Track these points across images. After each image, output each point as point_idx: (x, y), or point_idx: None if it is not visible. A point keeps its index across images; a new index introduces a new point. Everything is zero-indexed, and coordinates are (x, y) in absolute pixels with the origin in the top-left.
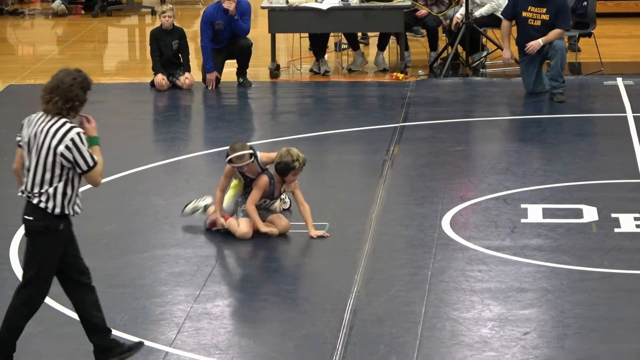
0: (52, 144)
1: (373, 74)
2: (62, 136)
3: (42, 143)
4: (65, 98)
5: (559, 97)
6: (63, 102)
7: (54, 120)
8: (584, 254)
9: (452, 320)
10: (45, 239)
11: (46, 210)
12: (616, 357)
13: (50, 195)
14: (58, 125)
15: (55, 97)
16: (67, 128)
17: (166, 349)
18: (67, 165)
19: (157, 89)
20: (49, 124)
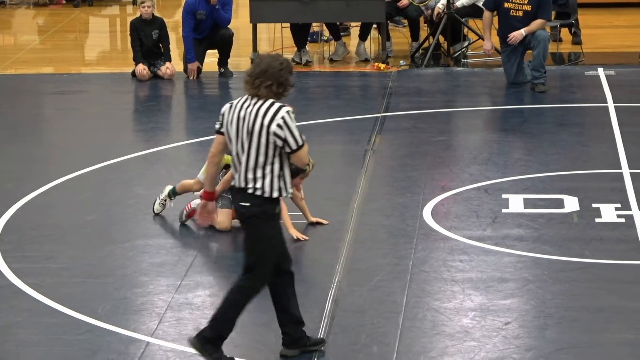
0: (264, 122)
1: (355, 64)
2: (273, 114)
3: (253, 124)
4: (278, 82)
5: (540, 87)
6: (277, 87)
7: (261, 102)
8: (565, 244)
9: (433, 310)
10: (263, 224)
11: (262, 195)
12: (597, 347)
13: (265, 179)
14: (267, 105)
15: (268, 82)
16: (277, 107)
17: (147, 339)
18: (279, 145)
19: (138, 79)
20: (257, 105)
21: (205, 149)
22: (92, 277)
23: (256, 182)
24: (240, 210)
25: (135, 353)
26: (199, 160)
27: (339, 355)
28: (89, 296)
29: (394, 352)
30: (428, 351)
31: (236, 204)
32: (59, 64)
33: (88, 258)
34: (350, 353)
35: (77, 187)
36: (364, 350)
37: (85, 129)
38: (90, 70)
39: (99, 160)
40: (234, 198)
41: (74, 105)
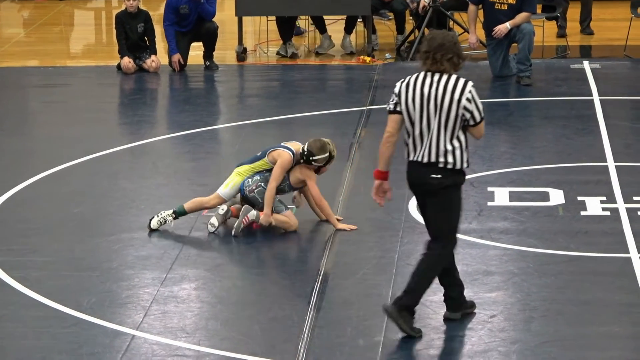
0: (454, 97)
1: (340, 57)
2: (462, 88)
3: (442, 99)
4: (457, 55)
5: (525, 80)
6: (457, 59)
7: (445, 76)
8: (551, 237)
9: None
10: (453, 194)
11: (454, 168)
12: (582, 340)
13: (455, 152)
14: (454, 80)
15: (449, 55)
16: (463, 81)
17: (133, 332)
18: (466, 117)
19: (123, 72)
20: (442, 81)
21: (191, 142)
22: (78, 271)
23: (447, 156)
24: (432, 182)
25: (121, 346)
26: (184, 154)
27: (324, 349)
28: (74, 289)
29: (380, 345)
30: (414, 344)
31: (423, 177)
32: (44, 57)
33: (74, 251)
34: (336, 346)
35: (63, 180)
36: (350, 344)
37: (71, 122)
38: (76, 63)
39: (84, 153)
40: (418, 171)
41: (59, 98)
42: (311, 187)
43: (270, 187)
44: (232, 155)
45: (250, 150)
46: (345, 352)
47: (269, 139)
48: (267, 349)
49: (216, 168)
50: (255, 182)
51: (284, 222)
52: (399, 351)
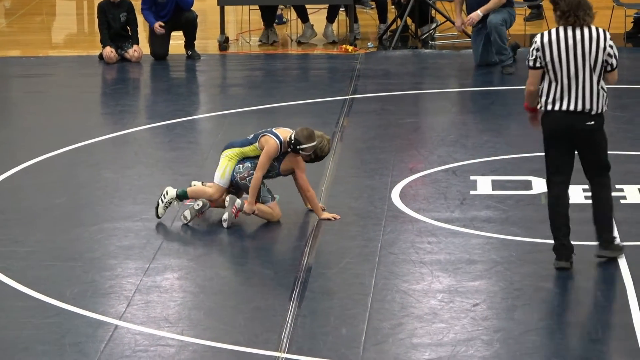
0: (600, 45)
1: (322, 46)
2: (604, 36)
3: (589, 49)
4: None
5: (508, 69)
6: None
7: (587, 28)
8: (533, 225)
9: (401, 292)
10: (603, 132)
11: (602, 113)
12: (566, 329)
13: (600, 99)
14: (595, 29)
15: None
16: (602, 30)
17: (116, 322)
18: (608, 62)
19: (105, 62)
20: (586, 32)
21: (173, 132)
22: (60, 261)
23: (598, 102)
24: (586, 128)
25: (104, 336)
26: (166, 143)
27: (307, 338)
28: (57, 280)
29: (363, 334)
30: (397, 333)
31: (576, 124)
32: (26, 47)
33: (56, 241)
34: (319, 335)
35: (45, 170)
36: (333, 333)
37: (53, 112)
38: (58, 53)
39: (66, 144)
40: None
41: (41, 88)
42: (299, 177)
43: (256, 176)
44: (214, 145)
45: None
46: (329, 342)
47: (252, 128)
48: (250, 339)
49: (198, 158)
50: (246, 169)
51: (267, 213)
52: (382, 340)
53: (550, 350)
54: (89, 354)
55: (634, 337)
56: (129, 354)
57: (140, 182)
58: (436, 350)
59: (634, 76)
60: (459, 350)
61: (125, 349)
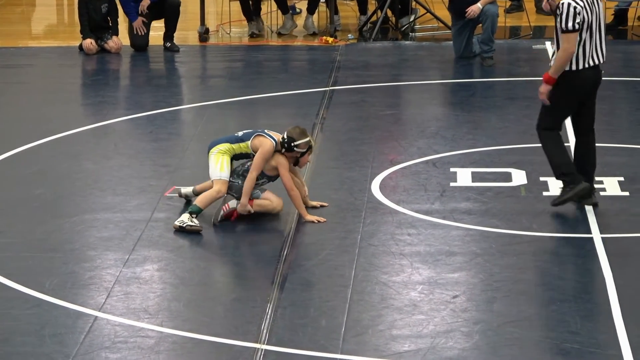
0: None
1: (302, 37)
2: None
3: (599, 7)
4: None
5: (488, 61)
6: None
7: None
8: (513, 217)
9: (381, 283)
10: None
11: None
12: (545, 320)
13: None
14: None
15: None
16: None
17: (95, 314)
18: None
19: (85, 53)
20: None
21: (154, 123)
22: (40, 252)
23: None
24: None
25: (84, 327)
26: (146, 135)
27: (287, 329)
28: (36, 270)
29: (342, 326)
30: (376, 325)
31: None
32: (5, 38)
33: (36, 232)
34: (299, 327)
35: (25, 161)
36: (313, 324)
37: (33, 103)
38: (37, 44)
39: (46, 134)
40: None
41: (20, 79)
42: (283, 176)
43: (250, 176)
44: (194, 136)
45: (213, 131)
46: (308, 333)
47: (232, 119)
48: (230, 330)
49: (179, 149)
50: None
51: (266, 205)
52: (362, 332)
53: (530, 342)
54: (68, 344)
55: (613, 328)
56: (108, 345)
57: (121, 173)
58: (416, 342)
59: (614, 68)
60: (439, 342)
61: (104, 340)
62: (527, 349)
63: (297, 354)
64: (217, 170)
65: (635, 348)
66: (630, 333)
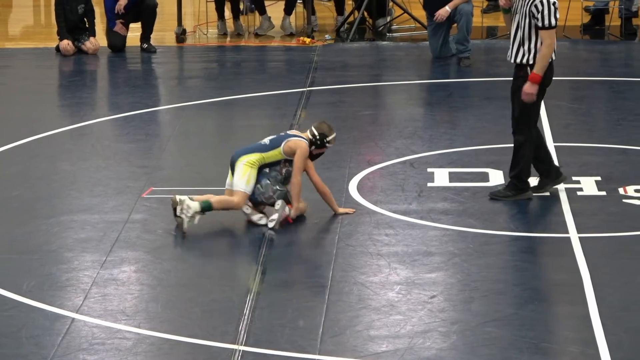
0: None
1: (280, 38)
2: None
3: None
4: None
5: (465, 61)
6: None
7: None
8: (490, 217)
9: (359, 284)
10: None
11: None
12: (523, 320)
13: None
14: None
15: None
16: None
17: (73, 315)
18: None
19: (62, 54)
20: None
21: (131, 124)
22: (17, 253)
23: None
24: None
25: (61, 329)
26: (123, 136)
27: (265, 330)
28: (13, 272)
29: (320, 326)
30: (354, 325)
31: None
32: None
33: (13, 234)
34: (277, 328)
35: (2, 162)
36: (290, 325)
37: (10, 104)
38: (14, 45)
39: (23, 136)
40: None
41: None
42: (312, 175)
43: (296, 180)
44: (172, 137)
45: (190, 132)
46: (286, 334)
47: (210, 120)
48: (208, 331)
49: (156, 150)
50: (267, 187)
51: (303, 209)
52: (339, 332)
53: (507, 342)
54: (46, 346)
55: (590, 327)
56: (86, 347)
57: (98, 175)
58: (393, 342)
59: (590, 68)
60: (416, 342)
61: (82, 342)
62: (504, 348)
63: (275, 355)
64: (243, 182)
65: (612, 346)
66: (608, 332)
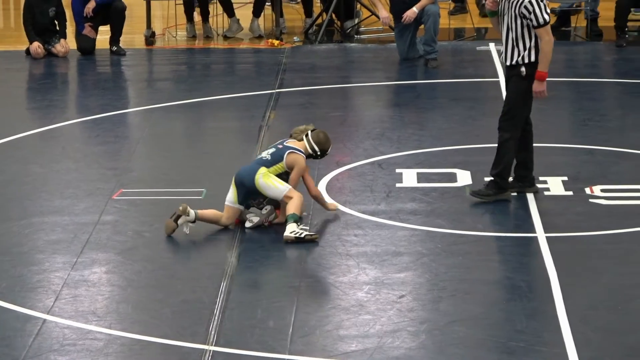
0: None
1: (248, 40)
2: None
3: None
4: None
5: (432, 62)
6: None
7: None
8: (458, 217)
9: (328, 284)
10: None
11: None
12: (491, 319)
13: None
14: None
15: None
16: None
17: (44, 317)
18: None
19: (32, 57)
20: None
21: (100, 127)
22: None
23: None
24: None
25: (32, 330)
26: (92, 138)
27: (235, 331)
28: None
29: (290, 327)
30: (324, 325)
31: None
32: None
33: None
34: (247, 328)
35: None
36: (260, 325)
37: None
38: None
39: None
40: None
41: None
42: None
43: (295, 195)
44: (141, 139)
45: (159, 134)
46: (256, 334)
47: (179, 122)
48: (179, 332)
49: (126, 152)
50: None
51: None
52: (309, 332)
53: (476, 341)
54: (17, 348)
55: (557, 326)
56: (57, 347)
57: (68, 177)
58: (363, 342)
59: (557, 69)
60: (385, 342)
61: (53, 343)
62: (473, 348)
63: (245, 355)
64: (278, 189)
65: (579, 345)
66: (575, 331)
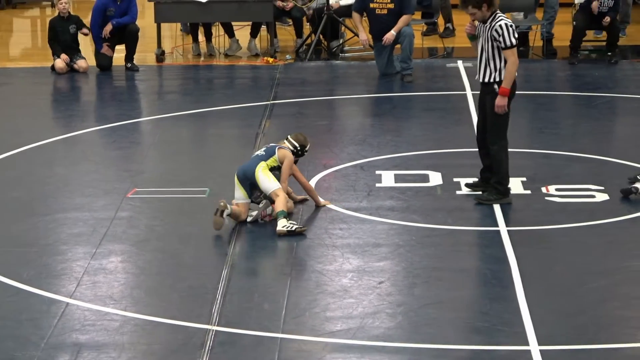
0: None
1: (246, 58)
2: None
3: None
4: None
5: (408, 77)
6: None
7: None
8: (431, 213)
9: (317, 272)
10: None
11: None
12: (459, 302)
13: None
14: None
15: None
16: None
17: (67, 300)
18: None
19: (57, 73)
20: None
21: (117, 133)
22: (18, 247)
23: None
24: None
25: (57, 312)
26: (110, 144)
27: (234, 313)
28: (14, 263)
29: (283, 309)
30: (312, 307)
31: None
32: None
33: (14, 230)
34: (245, 311)
35: (2, 167)
36: (257, 308)
37: (10, 116)
38: (14, 65)
39: (22, 144)
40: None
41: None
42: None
43: (284, 186)
44: (153, 144)
45: (168, 140)
46: (253, 316)
47: (185, 130)
48: (185, 314)
49: (139, 156)
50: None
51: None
52: (300, 314)
53: (446, 321)
54: (43, 327)
55: (518, 309)
56: (78, 327)
57: (88, 178)
58: (347, 322)
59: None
60: (367, 322)
61: (75, 324)
62: (444, 327)
63: (244, 334)
64: (270, 184)
65: (537, 325)
66: (533, 312)
